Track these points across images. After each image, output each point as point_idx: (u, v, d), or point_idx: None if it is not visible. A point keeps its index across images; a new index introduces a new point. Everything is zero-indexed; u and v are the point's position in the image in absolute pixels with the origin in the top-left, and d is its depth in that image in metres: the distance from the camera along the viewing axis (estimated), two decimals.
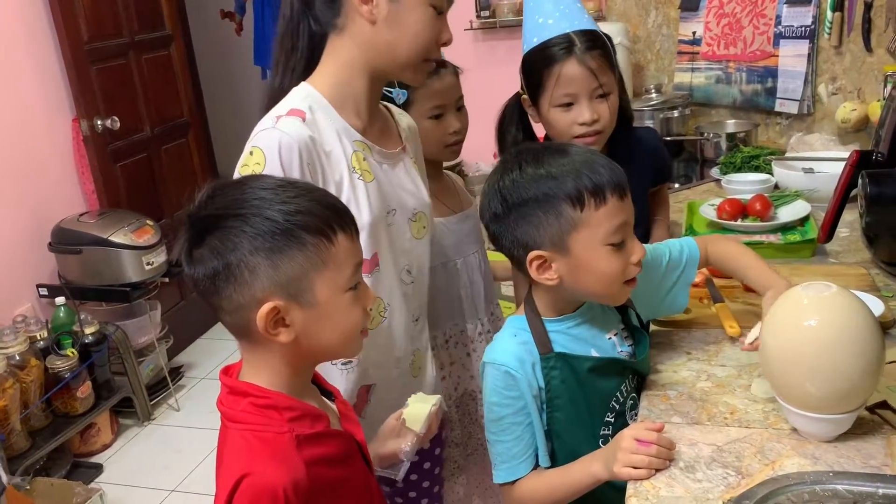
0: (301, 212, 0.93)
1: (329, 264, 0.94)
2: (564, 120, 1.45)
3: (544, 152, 1.09)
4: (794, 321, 0.97)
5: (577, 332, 1.15)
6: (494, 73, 1.55)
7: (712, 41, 2.74)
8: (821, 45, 2.38)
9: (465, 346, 1.71)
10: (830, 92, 2.40)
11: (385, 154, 1.27)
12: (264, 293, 0.92)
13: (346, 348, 1.01)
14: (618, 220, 1.04)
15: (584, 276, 1.07)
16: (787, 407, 1.01)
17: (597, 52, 1.43)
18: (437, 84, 1.54)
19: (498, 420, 1.10)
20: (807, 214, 1.74)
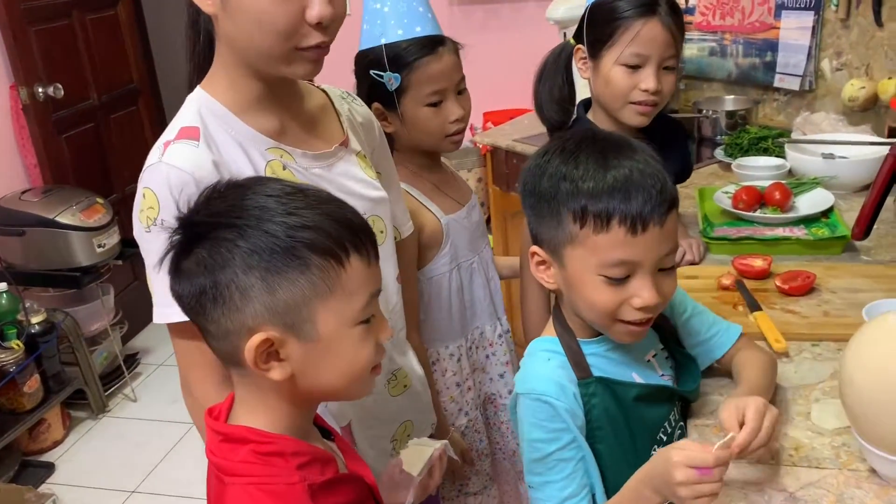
0: (308, 227, 0.77)
1: (337, 292, 0.78)
2: (627, 81, 1.34)
3: (584, 146, 0.93)
4: (885, 353, 0.84)
5: (615, 355, 1.01)
6: (470, 40, 1.40)
7: (707, 10, 2.59)
8: (826, 17, 2.25)
9: (484, 349, 1.58)
10: (835, 68, 2.27)
11: (314, 156, 1.07)
12: (256, 321, 0.76)
13: (351, 389, 0.85)
14: (618, 255, 0.89)
15: (574, 295, 0.95)
16: (868, 448, 0.88)
17: (677, 20, 1.33)
18: (433, 66, 1.35)
19: (544, 459, 0.95)
20: (831, 205, 1.61)
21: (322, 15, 0.94)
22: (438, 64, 1.36)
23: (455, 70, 1.40)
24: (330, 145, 1.10)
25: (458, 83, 1.40)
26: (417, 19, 1.37)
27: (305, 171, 1.06)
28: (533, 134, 2.56)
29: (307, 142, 1.08)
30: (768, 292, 1.34)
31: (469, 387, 1.57)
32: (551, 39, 2.88)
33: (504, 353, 1.61)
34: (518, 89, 3.21)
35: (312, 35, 0.95)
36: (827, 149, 1.82)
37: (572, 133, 0.98)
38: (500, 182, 2.65)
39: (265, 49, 0.96)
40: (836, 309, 1.27)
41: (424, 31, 1.36)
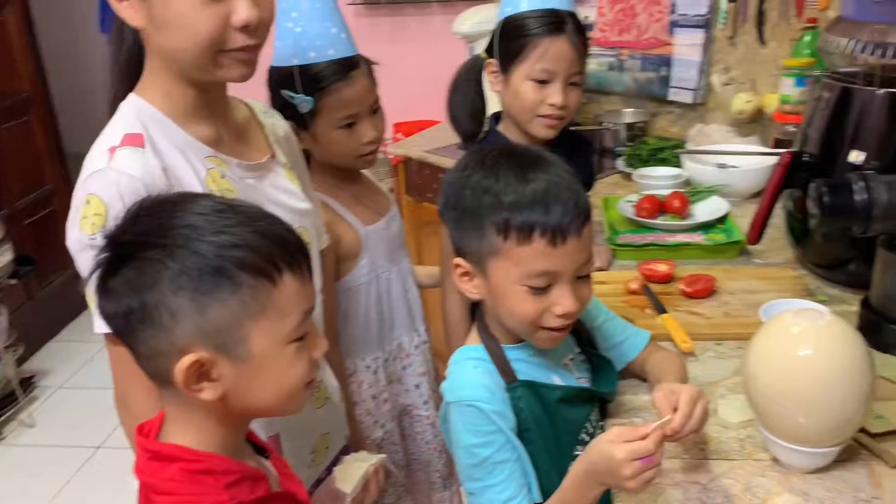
0: (238, 245, 0.76)
1: (269, 311, 0.78)
2: (536, 95, 1.41)
3: (503, 161, 0.96)
4: (785, 350, 0.91)
5: (537, 359, 1.05)
6: (376, 51, 1.43)
7: (605, 27, 2.71)
8: (715, 34, 2.39)
9: (401, 360, 1.59)
10: (723, 82, 2.42)
11: (248, 166, 1.08)
12: (186, 342, 0.76)
13: (285, 407, 0.84)
14: (540, 266, 0.92)
15: (497, 305, 0.98)
16: (772, 438, 0.95)
17: (582, 40, 1.41)
18: (347, 90, 1.36)
19: (481, 463, 0.97)
20: (726, 212, 1.72)
21: (248, 19, 0.94)
22: (352, 89, 1.36)
23: (369, 92, 1.41)
24: (261, 156, 1.11)
25: (372, 104, 1.42)
26: (331, 41, 1.36)
27: (240, 180, 1.06)
28: (444, 145, 2.60)
29: (240, 152, 1.08)
30: (673, 295, 1.42)
31: (385, 399, 1.57)
32: (459, 52, 2.94)
33: (420, 364, 1.63)
34: (427, 101, 3.25)
35: (238, 38, 0.95)
36: (720, 159, 1.94)
37: (491, 147, 1.01)
38: (413, 192, 2.68)
39: (193, 56, 0.95)
40: (735, 309, 1.36)
41: (338, 54, 1.36)
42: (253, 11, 0.94)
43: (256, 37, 0.97)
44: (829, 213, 1.16)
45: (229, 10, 0.93)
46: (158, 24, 0.94)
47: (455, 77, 1.59)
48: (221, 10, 0.93)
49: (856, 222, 1.15)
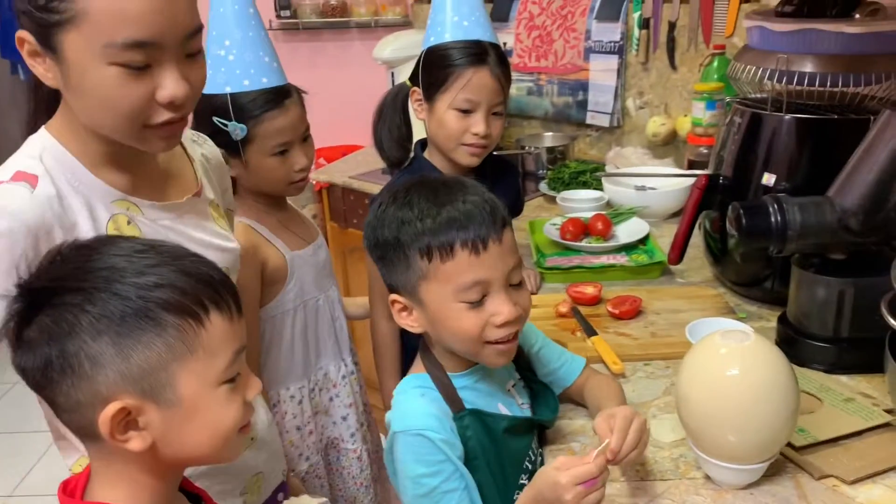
0: (161, 285, 0.73)
1: (197, 353, 0.75)
2: (459, 124, 1.43)
3: (415, 189, 0.98)
4: (713, 371, 0.94)
5: (483, 386, 1.05)
6: (296, 76, 1.42)
7: (523, 53, 2.76)
8: (629, 60, 2.48)
9: (328, 391, 1.56)
10: (638, 106, 2.51)
11: (164, 207, 1.02)
12: (110, 389, 0.72)
13: (220, 453, 0.81)
14: (470, 277, 0.93)
15: (440, 330, 0.98)
16: (704, 457, 0.97)
17: (505, 70, 1.44)
18: (280, 119, 1.36)
19: (429, 493, 0.95)
20: (647, 233, 1.77)
21: (174, 96, 0.89)
22: (285, 118, 1.36)
23: (301, 121, 1.41)
24: (182, 196, 1.06)
25: (303, 132, 1.42)
26: (264, 70, 1.36)
27: (153, 223, 1.01)
28: (368, 171, 2.60)
29: (161, 192, 1.03)
30: (601, 317, 1.45)
31: (311, 430, 1.54)
32: (379, 77, 2.95)
33: (348, 395, 1.60)
34: (348, 126, 3.25)
35: (163, 114, 0.90)
36: (639, 181, 2.01)
37: (401, 182, 1.03)
38: (337, 219, 2.66)
39: (112, 129, 0.91)
40: (661, 329, 1.40)
41: (271, 83, 1.36)
42: (181, 87, 0.89)
43: (183, 111, 0.93)
44: (747, 235, 1.21)
45: (154, 85, 0.88)
46: (74, 92, 0.89)
47: (380, 104, 1.60)
48: (145, 86, 0.88)
49: (772, 243, 1.20)
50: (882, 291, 1.11)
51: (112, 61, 0.85)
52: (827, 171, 1.28)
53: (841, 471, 0.99)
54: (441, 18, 1.47)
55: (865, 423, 1.07)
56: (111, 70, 0.86)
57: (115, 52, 0.85)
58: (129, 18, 0.84)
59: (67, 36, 0.85)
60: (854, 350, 1.22)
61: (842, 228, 1.18)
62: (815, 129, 1.35)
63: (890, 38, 1.30)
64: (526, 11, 2.73)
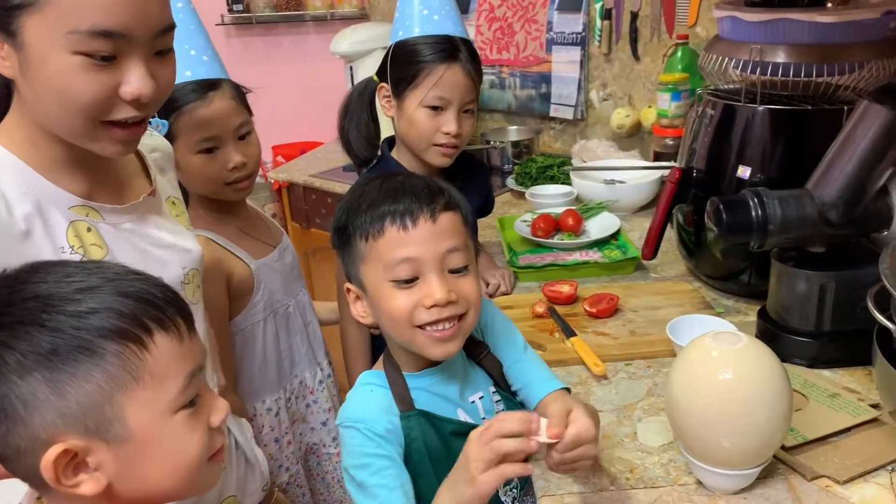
0: (95, 310, 0.66)
1: (144, 380, 0.68)
2: (430, 123, 1.38)
3: (371, 183, 0.97)
4: (705, 375, 0.91)
5: (441, 390, 1.00)
6: (250, 72, 1.35)
7: (484, 45, 2.72)
8: (591, 51, 2.45)
9: (304, 398, 1.50)
10: (602, 98, 2.49)
11: (124, 209, 0.96)
12: (49, 431, 0.65)
13: (190, 487, 0.74)
14: (398, 254, 0.90)
15: (378, 314, 0.95)
16: (697, 463, 0.95)
17: (476, 67, 1.39)
18: (202, 111, 1.28)
19: (360, 486, 0.92)
20: (618, 228, 1.75)
21: (140, 93, 0.83)
22: (207, 110, 1.28)
23: (231, 115, 1.32)
24: (137, 195, 0.99)
25: (237, 128, 1.33)
26: (189, 62, 1.29)
27: (115, 227, 0.94)
28: (329, 168, 2.53)
29: (119, 195, 0.97)
30: (578, 316, 1.42)
31: (289, 441, 1.49)
32: (337, 72, 2.88)
33: (326, 400, 1.56)
34: (305, 122, 3.18)
35: (124, 110, 0.84)
36: (607, 175, 1.98)
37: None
38: (299, 219, 2.59)
39: (68, 125, 0.84)
40: (640, 328, 1.37)
41: (196, 76, 1.29)
42: (147, 84, 0.83)
43: (146, 111, 0.86)
44: (728, 230, 1.18)
45: (119, 79, 0.82)
46: (31, 81, 0.82)
47: (346, 101, 1.54)
48: (109, 77, 0.81)
49: (753, 238, 1.18)
50: (864, 284, 1.10)
51: (76, 50, 0.79)
52: (802, 162, 1.27)
53: (833, 470, 0.97)
54: (409, 11, 1.41)
55: (853, 419, 1.06)
56: (74, 59, 0.80)
57: (79, 39, 0.79)
58: (98, 5, 0.79)
59: (29, 20, 0.79)
60: (836, 344, 1.20)
61: (822, 221, 1.17)
62: (789, 119, 1.33)
63: (863, 27, 1.29)
64: (486, 3, 2.68)
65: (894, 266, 0.97)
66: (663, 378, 1.22)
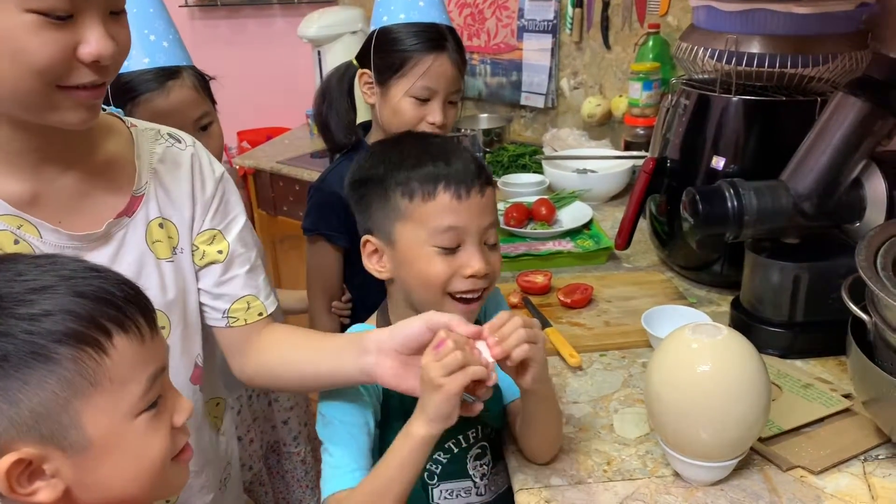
0: (49, 313, 0.63)
1: (103, 385, 0.65)
2: (415, 113, 1.37)
3: (406, 138, 1.02)
4: (685, 367, 0.90)
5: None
6: (214, 56, 1.30)
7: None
8: (562, 39, 2.44)
9: (265, 395, 1.47)
10: (572, 86, 2.48)
11: (72, 237, 0.85)
12: (1, 440, 0.62)
13: (151, 489, 0.71)
14: (447, 222, 0.93)
15: (406, 274, 0.97)
16: (675, 455, 0.94)
17: (462, 56, 1.38)
18: (160, 101, 1.21)
19: (328, 424, 0.96)
20: (591, 218, 1.74)
21: (100, 53, 0.76)
22: (165, 100, 1.22)
23: (191, 106, 1.25)
24: (104, 220, 0.87)
25: (197, 119, 1.27)
26: (148, 49, 1.22)
27: (54, 249, 0.84)
28: (297, 155, 2.49)
29: (74, 211, 0.85)
30: (553, 307, 1.41)
31: (251, 439, 1.46)
32: (304, 57, 2.83)
33: (287, 398, 1.53)
34: (271, 107, 3.12)
35: (83, 73, 0.76)
36: (579, 164, 1.97)
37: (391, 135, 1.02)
38: (266, 206, 2.54)
39: (21, 93, 0.75)
40: (614, 318, 1.36)
41: (154, 63, 1.23)
42: (107, 44, 0.76)
43: (106, 75, 0.79)
44: (704, 221, 1.18)
45: (77, 39, 0.75)
46: None
47: (324, 85, 1.50)
48: (65, 37, 0.74)
49: (729, 228, 1.18)
50: (837, 275, 1.10)
51: (29, 7, 0.72)
52: (776, 152, 1.27)
53: (807, 461, 0.98)
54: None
55: (826, 409, 1.06)
56: (27, 17, 0.72)
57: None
58: None
59: None
60: (808, 334, 1.21)
61: (797, 212, 1.17)
62: (763, 110, 1.33)
63: (837, 19, 1.29)
64: None
65: (869, 257, 0.97)
66: (639, 369, 1.21)
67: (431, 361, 0.81)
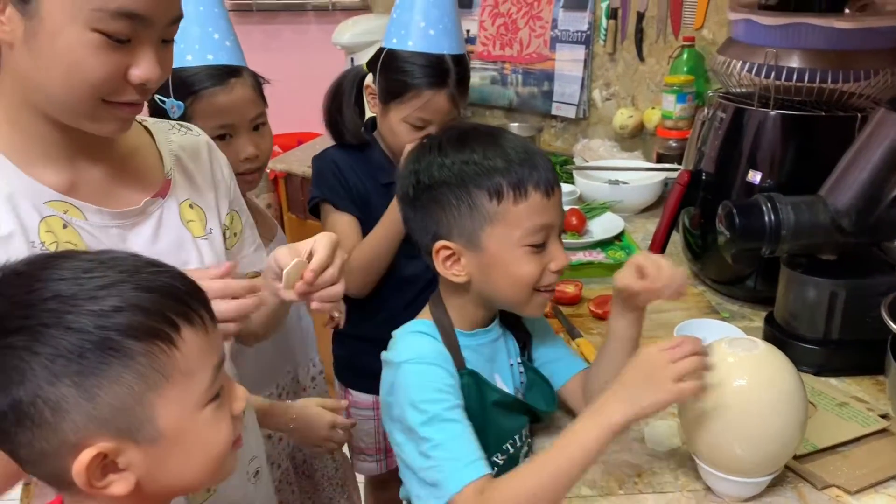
0: (120, 308, 0.63)
1: (174, 377, 0.66)
2: (411, 137, 1.41)
3: (471, 134, 0.97)
4: (721, 381, 0.89)
5: (485, 352, 1.02)
6: (249, 60, 1.33)
7: (487, 41, 2.70)
8: (596, 51, 2.44)
9: (296, 394, 1.47)
10: (605, 97, 2.47)
11: (114, 214, 0.89)
12: (80, 435, 0.63)
13: (214, 476, 0.73)
14: (540, 220, 0.93)
15: (494, 276, 0.95)
16: (708, 469, 0.93)
17: (462, 89, 1.42)
18: (221, 97, 1.24)
19: (429, 420, 0.89)
20: (622, 229, 1.74)
21: (149, 78, 0.81)
22: (227, 96, 1.25)
23: (249, 105, 1.29)
24: (137, 200, 0.92)
25: (253, 119, 1.30)
26: (211, 46, 1.26)
27: (100, 230, 0.88)
28: None
29: (110, 195, 0.90)
30: (583, 317, 1.40)
31: (280, 437, 1.47)
32: (337, 63, 2.84)
33: (319, 395, 1.53)
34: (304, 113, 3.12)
35: (129, 92, 0.82)
36: (611, 175, 1.97)
37: (442, 129, 1.03)
38: (296, 209, 2.56)
39: (69, 102, 0.80)
40: (646, 330, 1.32)
41: (218, 60, 1.26)
42: (156, 70, 0.82)
43: (147, 95, 0.85)
44: (741, 234, 1.17)
45: (129, 61, 0.80)
46: (36, 51, 0.79)
47: (336, 86, 1.52)
48: (120, 59, 0.80)
49: (765, 243, 1.17)
50: (875, 293, 1.09)
51: (96, 27, 0.77)
52: (813, 168, 1.26)
53: (843, 480, 0.96)
54: (406, 19, 1.41)
55: (863, 429, 1.05)
56: (91, 36, 0.77)
57: (103, 17, 0.77)
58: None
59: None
60: (844, 352, 1.20)
61: (834, 229, 1.16)
62: (801, 125, 1.32)
63: (879, 34, 1.28)
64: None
65: None
66: None
67: (666, 361, 0.84)
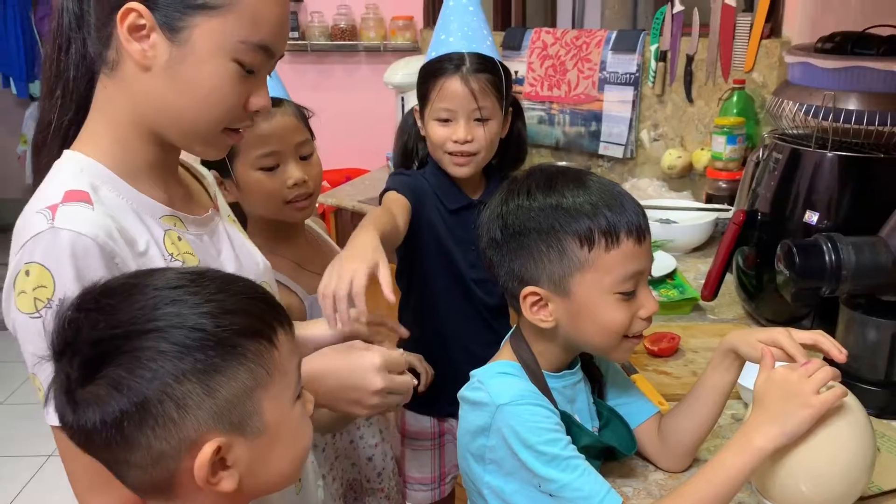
0: (232, 311, 0.70)
1: (275, 375, 0.72)
2: (441, 133, 1.44)
3: (559, 178, 0.95)
4: None
5: (569, 394, 1.01)
6: (301, 98, 1.39)
7: (535, 82, 2.75)
8: (644, 92, 2.47)
9: (348, 433, 1.48)
10: (653, 138, 2.50)
11: (196, 221, 0.96)
12: (199, 430, 0.67)
13: (296, 474, 0.78)
14: (631, 268, 0.91)
15: (583, 323, 0.94)
16: None
17: (484, 76, 1.42)
18: (263, 126, 1.26)
19: (552, 460, 0.89)
20: (674, 268, 1.74)
21: (265, 106, 0.89)
22: (268, 125, 1.28)
23: (291, 132, 1.32)
24: (203, 210, 0.99)
25: (298, 146, 1.33)
26: None
27: (197, 238, 0.95)
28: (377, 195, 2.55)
29: (189, 206, 0.97)
30: (638, 354, 1.41)
31: (334, 477, 1.46)
32: (388, 102, 2.93)
33: (373, 436, 1.52)
34: (352, 150, 3.22)
35: (244, 119, 0.89)
36: (662, 214, 1.98)
37: (528, 171, 0.99)
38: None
39: (197, 125, 0.86)
40: (701, 368, 1.35)
41: None
42: (268, 100, 0.90)
43: (254, 124, 0.93)
44: (801, 274, 1.18)
45: (250, 91, 0.87)
46: (175, 77, 0.84)
47: (400, 125, 1.62)
48: (245, 90, 0.87)
49: (825, 283, 1.17)
50: None
51: (237, 58, 0.84)
52: (871, 210, 1.26)
53: None
54: (433, 41, 1.49)
55: None
56: (231, 66, 0.84)
57: (245, 49, 0.84)
58: (269, 21, 0.85)
59: (205, 21, 0.82)
60: None
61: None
62: (860, 167, 1.33)
63: None
64: (539, 41, 2.72)
65: None
66: (727, 420, 1.20)
67: (802, 376, 0.85)
